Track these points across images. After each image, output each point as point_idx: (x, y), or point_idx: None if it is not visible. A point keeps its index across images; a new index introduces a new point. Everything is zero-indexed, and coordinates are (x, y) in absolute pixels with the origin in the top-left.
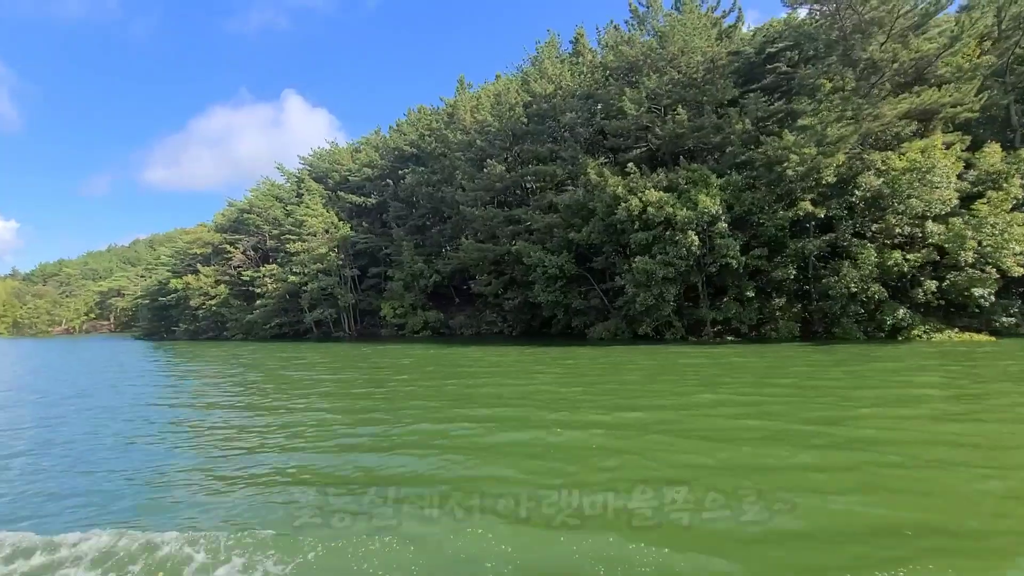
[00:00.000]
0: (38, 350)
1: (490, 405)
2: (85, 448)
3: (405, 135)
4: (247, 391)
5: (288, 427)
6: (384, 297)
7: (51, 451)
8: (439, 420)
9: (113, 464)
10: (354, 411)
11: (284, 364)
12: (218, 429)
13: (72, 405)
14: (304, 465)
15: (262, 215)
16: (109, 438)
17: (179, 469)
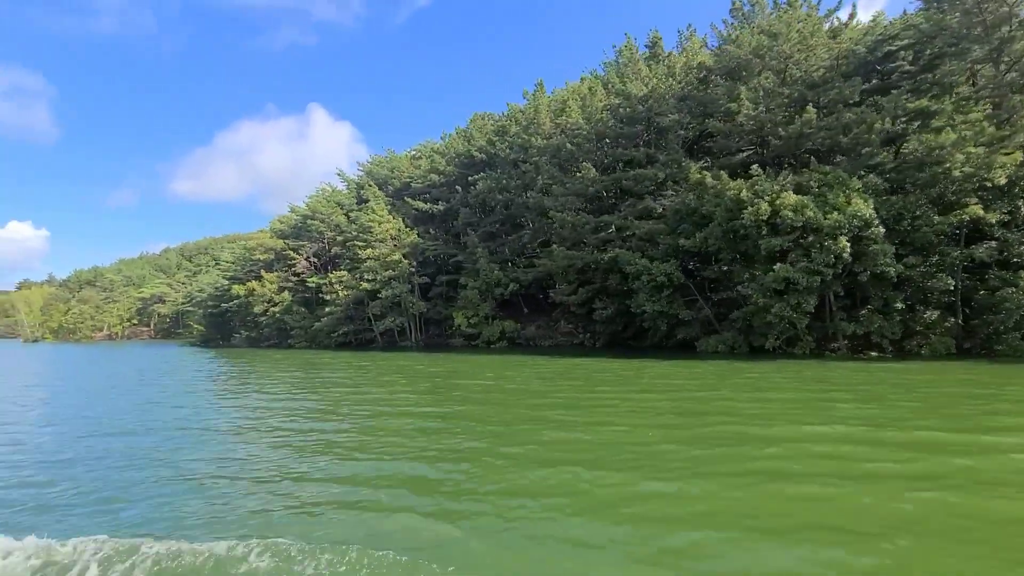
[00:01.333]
0: (100, 357)
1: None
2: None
3: (473, 141)
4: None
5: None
6: (457, 306)
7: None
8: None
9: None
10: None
11: (417, 377)
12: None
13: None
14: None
15: (325, 221)
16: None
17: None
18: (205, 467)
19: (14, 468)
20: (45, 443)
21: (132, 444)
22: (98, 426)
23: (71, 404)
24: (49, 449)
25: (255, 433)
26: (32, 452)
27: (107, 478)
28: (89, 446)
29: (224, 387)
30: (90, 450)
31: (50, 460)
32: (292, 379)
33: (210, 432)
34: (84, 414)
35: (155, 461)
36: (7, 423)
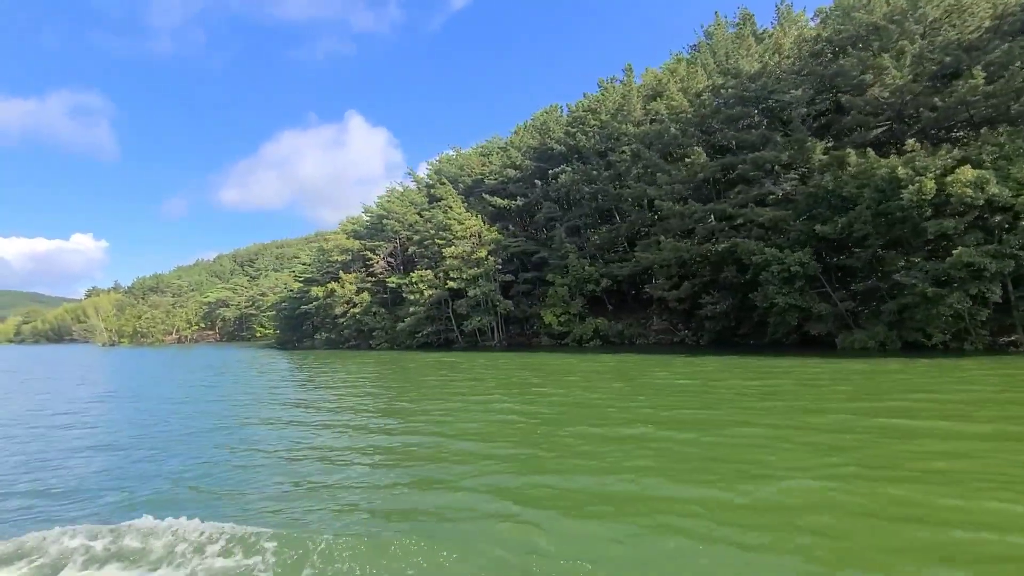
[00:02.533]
0: (194, 362)
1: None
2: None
3: (550, 133)
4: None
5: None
6: (546, 304)
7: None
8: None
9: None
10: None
11: (594, 379)
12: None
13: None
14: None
15: (400, 220)
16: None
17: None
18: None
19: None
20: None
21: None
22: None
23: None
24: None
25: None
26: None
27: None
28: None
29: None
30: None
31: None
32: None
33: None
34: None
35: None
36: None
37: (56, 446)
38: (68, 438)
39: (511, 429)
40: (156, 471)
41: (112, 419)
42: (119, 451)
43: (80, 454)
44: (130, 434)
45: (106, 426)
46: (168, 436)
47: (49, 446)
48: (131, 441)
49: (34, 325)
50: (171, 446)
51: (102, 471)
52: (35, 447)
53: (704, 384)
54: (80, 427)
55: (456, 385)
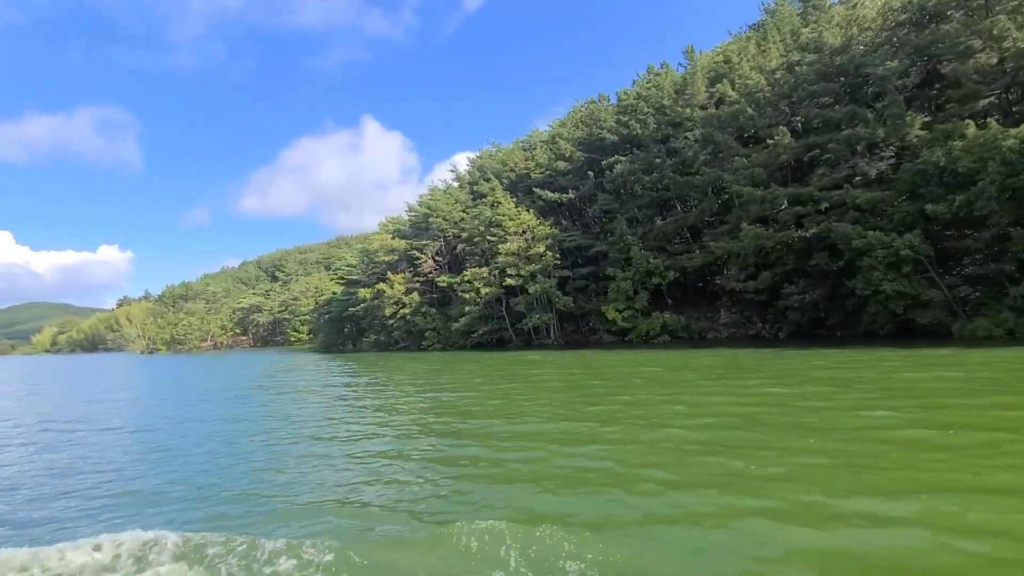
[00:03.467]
0: (244, 369)
1: None
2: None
3: (601, 123)
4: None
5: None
6: (606, 299)
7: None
8: None
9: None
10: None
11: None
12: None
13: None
14: None
15: (447, 218)
16: None
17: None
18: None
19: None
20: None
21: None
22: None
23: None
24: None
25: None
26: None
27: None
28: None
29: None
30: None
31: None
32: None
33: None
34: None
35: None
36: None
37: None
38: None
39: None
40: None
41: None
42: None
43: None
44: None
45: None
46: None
47: (212, 462)
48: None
49: (69, 335)
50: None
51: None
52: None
53: (884, 378)
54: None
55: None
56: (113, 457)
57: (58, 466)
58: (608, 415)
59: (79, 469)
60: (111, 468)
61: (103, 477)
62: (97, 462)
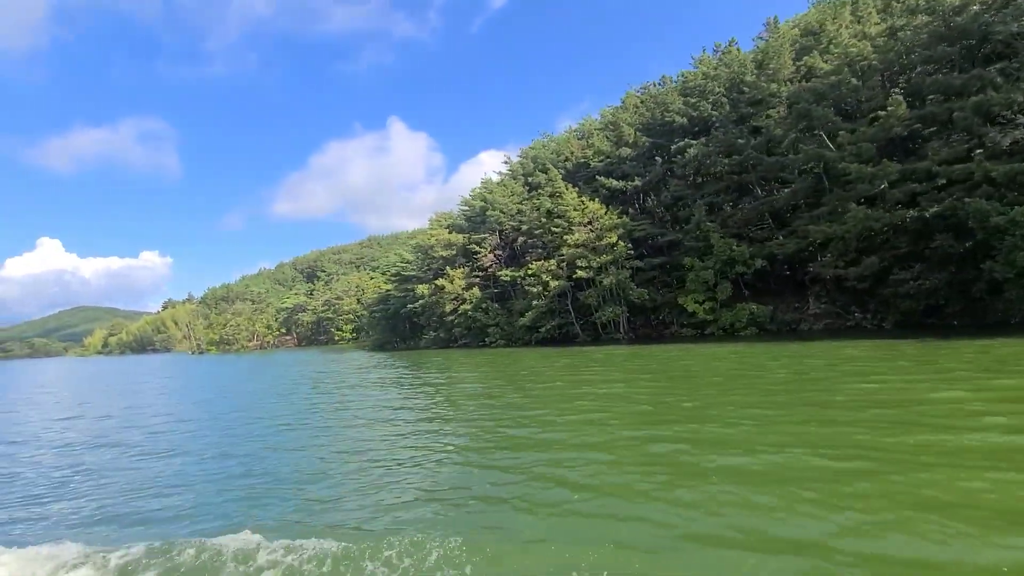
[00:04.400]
0: (315, 370)
1: None
2: None
3: (670, 106)
4: None
5: None
6: (686, 290)
7: None
8: None
9: None
10: None
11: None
12: None
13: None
14: None
15: (504, 210)
16: None
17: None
18: None
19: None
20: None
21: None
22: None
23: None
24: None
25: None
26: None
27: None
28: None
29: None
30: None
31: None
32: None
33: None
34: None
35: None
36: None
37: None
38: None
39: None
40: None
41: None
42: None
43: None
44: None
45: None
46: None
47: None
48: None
49: (119, 337)
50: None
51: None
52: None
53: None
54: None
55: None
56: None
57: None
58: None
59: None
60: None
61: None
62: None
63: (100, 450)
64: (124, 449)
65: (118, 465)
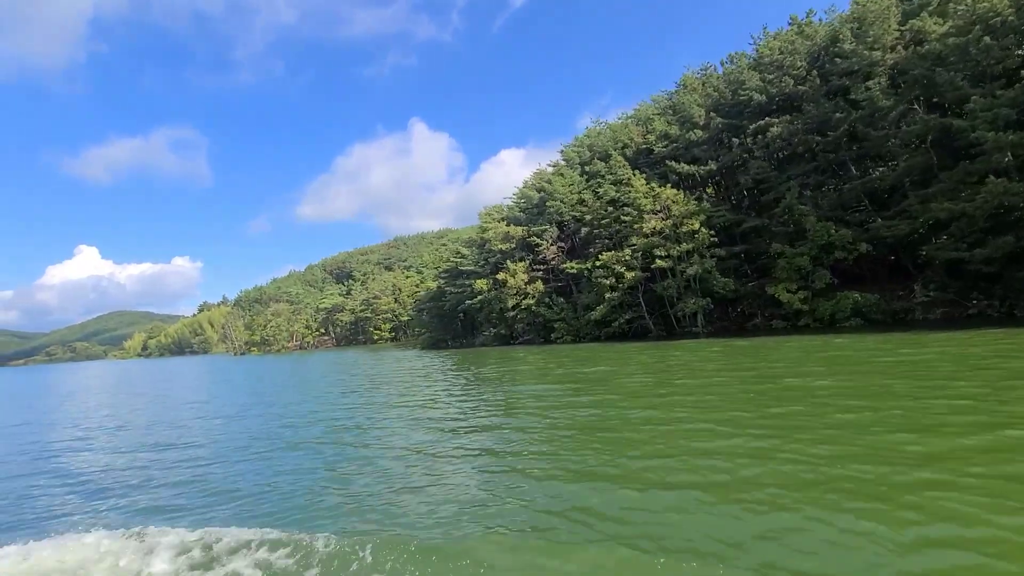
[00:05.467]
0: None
1: None
2: None
3: (746, 83)
4: None
5: None
6: (776, 278)
7: None
8: None
9: None
10: None
11: None
12: None
13: None
14: None
15: (564, 200)
16: None
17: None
18: None
19: None
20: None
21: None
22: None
23: None
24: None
25: None
26: None
27: None
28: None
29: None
30: None
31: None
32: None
33: None
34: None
35: None
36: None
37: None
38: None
39: None
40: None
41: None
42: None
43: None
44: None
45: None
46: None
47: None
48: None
49: (158, 340)
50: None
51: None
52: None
53: None
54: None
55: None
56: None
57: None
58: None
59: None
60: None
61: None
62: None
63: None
64: (273, 442)
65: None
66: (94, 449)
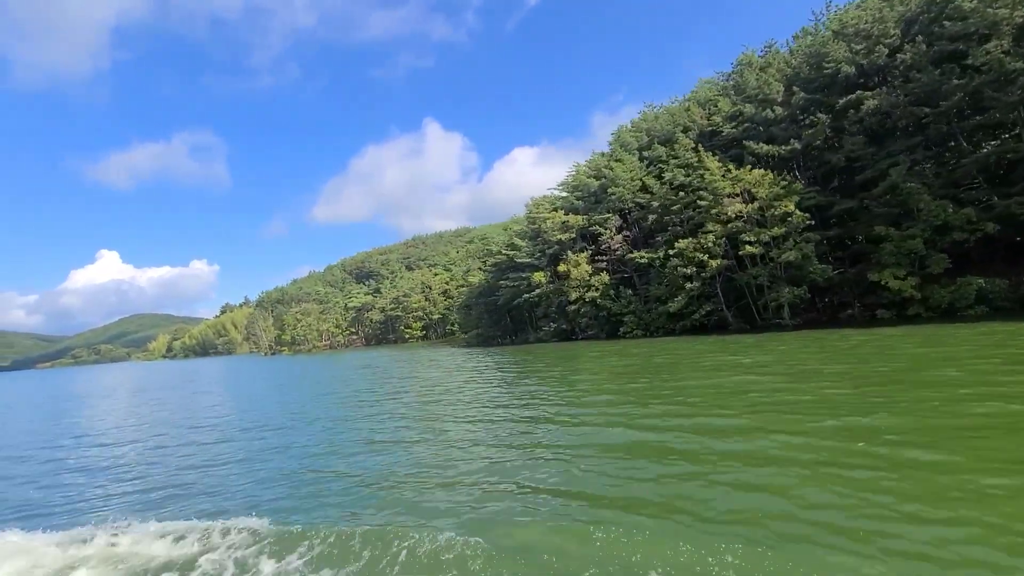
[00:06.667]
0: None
1: None
2: None
3: (824, 56)
4: None
5: None
6: (881, 263)
7: None
8: None
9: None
10: None
11: None
12: None
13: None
14: None
15: (627, 186)
16: None
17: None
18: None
19: None
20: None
21: None
22: None
23: None
24: None
25: None
26: None
27: None
28: None
29: None
30: None
31: None
32: None
33: None
34: None
35: None
36: None
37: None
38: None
39: None
40: None
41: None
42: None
43: None
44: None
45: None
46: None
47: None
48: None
49: (182, 341)
50: None
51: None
52: None
53: None
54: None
55: None
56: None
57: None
58: None
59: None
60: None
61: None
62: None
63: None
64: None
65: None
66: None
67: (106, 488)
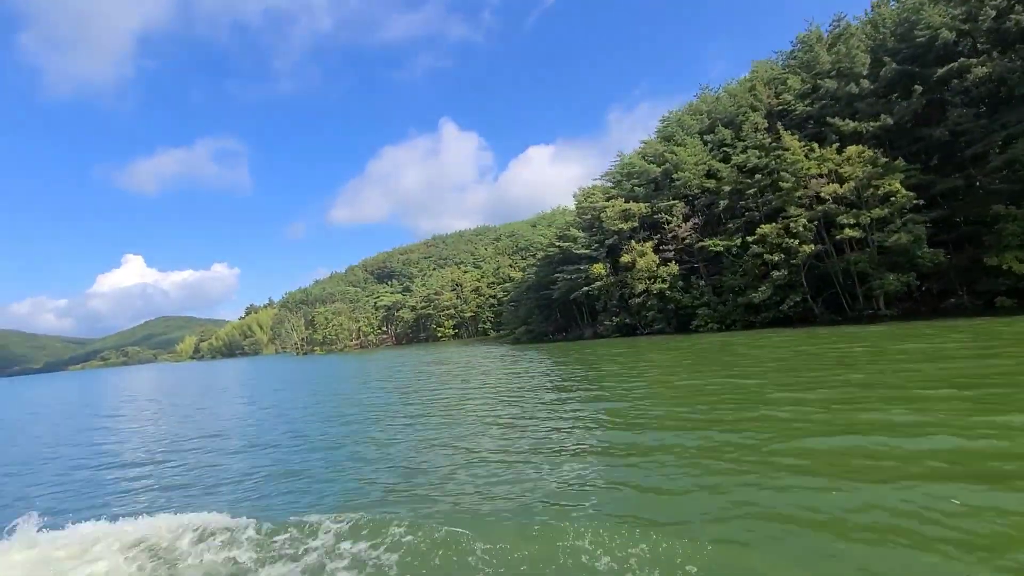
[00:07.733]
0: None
1: None
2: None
3: (916, 23)
4: None
5: None
6: (1000, 246)
7: None
8: None
9: None
10: None
11: None
12: None
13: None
14: None
15: (693, 170)
16: None
17: None
18: None
19: None
20: None
21: None
22: None
23: None
24: None
25: None
26: None
27: None
28: None
29: None
30: None
31: None
32: None
33: None
34: None
35: None
36: None
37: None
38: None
39: None
40: None
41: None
42: None
43: None
44: None
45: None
46: None
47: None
48: None
49: (209, 343)
50: None
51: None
52: None
53: None
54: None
55: None
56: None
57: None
58: None
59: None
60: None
61: None
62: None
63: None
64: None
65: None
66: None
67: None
